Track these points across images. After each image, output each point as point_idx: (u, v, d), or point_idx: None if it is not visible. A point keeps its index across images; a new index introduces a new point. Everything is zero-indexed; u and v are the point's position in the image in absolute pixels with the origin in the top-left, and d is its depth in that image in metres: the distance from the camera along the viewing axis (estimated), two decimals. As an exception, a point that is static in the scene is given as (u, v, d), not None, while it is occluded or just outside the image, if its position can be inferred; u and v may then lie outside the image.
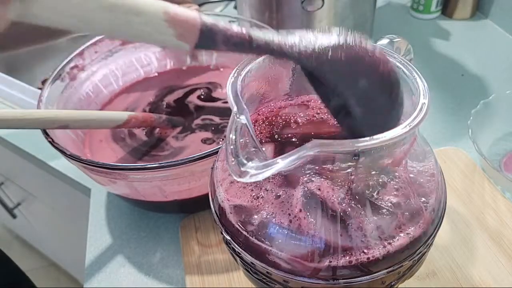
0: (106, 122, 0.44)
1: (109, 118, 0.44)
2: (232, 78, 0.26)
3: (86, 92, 0.53)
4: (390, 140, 0.22)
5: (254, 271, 0.29)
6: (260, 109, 0.33)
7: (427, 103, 0.24)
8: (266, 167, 0.21)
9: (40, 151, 0.62)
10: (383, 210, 0.26)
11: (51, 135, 0.40)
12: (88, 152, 0.49)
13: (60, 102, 0.48)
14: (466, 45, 0.71)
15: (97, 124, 0.44)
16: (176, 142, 0.48)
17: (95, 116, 0.43)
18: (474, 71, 0.65)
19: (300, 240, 0.25)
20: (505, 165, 0.49)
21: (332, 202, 0.26)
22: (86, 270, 0.45)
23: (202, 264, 0.42)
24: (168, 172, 0.37)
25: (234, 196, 0.28)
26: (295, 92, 0.34)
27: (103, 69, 0.55)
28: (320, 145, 0.21)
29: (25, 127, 0.38)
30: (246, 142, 0.23)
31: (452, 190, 0.46)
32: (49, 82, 0.47)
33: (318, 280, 0.26)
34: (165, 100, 0.54)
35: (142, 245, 0.47)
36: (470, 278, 0.38)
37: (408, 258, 0.26)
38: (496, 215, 0.43)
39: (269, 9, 0.60)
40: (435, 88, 0.62)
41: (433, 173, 0.28)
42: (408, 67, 0.27)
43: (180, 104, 0.54)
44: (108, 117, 0.44)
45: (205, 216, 0.46)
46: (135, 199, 0.45)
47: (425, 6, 0.76)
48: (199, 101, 0.54)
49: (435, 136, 0.55)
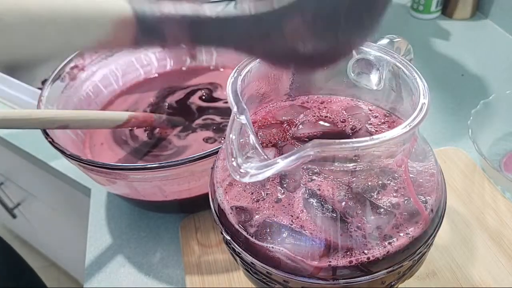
0: (106, 122, 0.44)
1: (109, 118, 0.44)
2: (232, 78, 0.27)
3: (86, 92, 0.53)
4: (390, 140, 0.22)
5: (254, 271, 0.29)
6: (260, 109, 0.33)
7: (427, 103, 0.24)
8: (266, 167, 0.21)
9: (40, 151, 0.62)
10: (383, 210, 0.26)
11: (51, 135, 0.40)
12: (89, 153, 0.49)
13: (60, 102, 0.48)
14: (466, 45, 0.71)
15: (97, 124, 0.44)
16: (178, 141, 0.48)
17: (95, 116, 0.43)
18: (474, 71, 0.65)
19: (300, 240, 0.25)
20: (505, 165, 0.49)
21: (332, 202, 0.26)
22: (86, 270, 0.45)
23: (202, 264, 0.42)
24: (168, 172, 0.37)
25: (234, 196, 0.28)
26: (295, 92, 0.34)
27: (103, 69, 0.55)
28: (320, 145, 0.21)
29: (25, 127, 0.38)
30: (246, 142, 0.23)
31: (452, 190, 0.46)
32: (49, 82, 0.47)
33: (318, 280, 0.26)
34: (166, 101, 0.54)
35: (142, 245, 0.47)
36: (470, 278, 0.38)
37: (408, 258, 0.26)
38: (496, 215, 0.43)
39: (269, 9, 0.60)
40: (435, 88, 0.62)
41: (433, 173, 0.28)
42: (408, 67, 0.27)
43: (180, 104, 0.54)
44: (108, 117, 0.44)
45: (205, 216, 0.46)
46: (135, 199, 0.45)
47: (425, 6, 0.76)
48: (200, 101, 0.54)
49: (435, 136, 0.55)
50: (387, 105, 0.32)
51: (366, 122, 0.31)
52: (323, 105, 0.33)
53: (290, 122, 0.32)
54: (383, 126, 0.31)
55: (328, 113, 0.32)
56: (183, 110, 0.53)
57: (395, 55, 0.28)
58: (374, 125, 0.31)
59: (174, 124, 0.50)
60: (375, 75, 0.30)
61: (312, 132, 0.31)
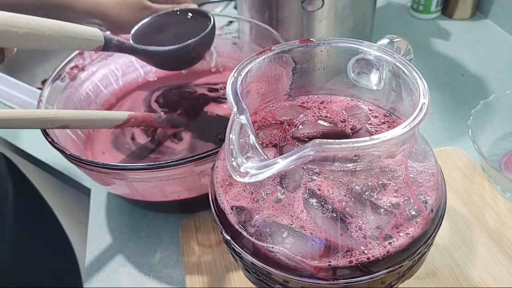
0: (106, 122, 0.44)
1: (109, 118, 0.44)
2: (232, 78, 0.27)
3: (86, 92, 0.53)
4: (390, 140, 0.22)
5: (254, 271, 0.29)
6: (260, 109, 0.33)
7: (427, 103, 0.24)
8: (266, 167, 0.21)
9: (40, 151, 0.62)
10: (383, 210, 0.26)
11: (51, 135, 0.40)
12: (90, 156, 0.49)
13: (60, 102, 0.48)
14: (466, 45, 0.71)
15: (97, 124, 0.44)
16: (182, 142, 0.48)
17: (95, 116, 0.43)
18: (474, 71, 0.65)
19: (300, 240, 0.25)
20: (505, 165, 0.49)
21: (332, 202, 0.26)
22: (86, 270, 0.45)
23: (202, 264, 0.42)
24: (168, 172, 0.37)
25: (234, 196, 0.28)
26: (295, 92, 0.34)
27: (103, 69, 0.55)
28: (320, 145, 0.21)
29: (25, 127, 0.38)
30: (246, 142, 0.23)
31: (452, 190, 0.46)
32: (49, 82, 0.47)
33: (318, 280, 0.26)
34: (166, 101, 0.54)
35: (142, 245, 0.47)
36: (470, 278, 0.38)
37: (408, 258, 0.26)
38: (496, 215, 0.43)
39: (269, 9, 0.60)
40: (435, 88, 0.62)
41: (433, 173, 0.28)
42: (408, 67, 0.27)
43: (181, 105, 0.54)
44: (108, 116, 0.44)
45: (205, 216, 0.46)
46: (135, 199, 0.45)
47: (425, 6, 0.76)
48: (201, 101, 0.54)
49: (435, 136, 0.55)
50: (387, 105, 0.32)
51: (366, 122, 0.31)
52: (323, 105, 0.33)
53: (290, 122, 0.32)
54: (383, 126, 0.31)
55: (328, 113, 0.32)
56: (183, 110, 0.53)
57: (395, 55, 0.28)
58: (374, 125, 0.31)
59: (174, 124, 0.50)
60: (375, 75, 0.30)
61: (312, 132, 0.31)
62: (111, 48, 0.40)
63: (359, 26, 0.64)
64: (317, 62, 0.31)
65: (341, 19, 0.61)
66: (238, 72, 0.27)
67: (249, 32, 0.55)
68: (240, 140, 0.23)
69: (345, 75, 0.31)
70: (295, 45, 0.30)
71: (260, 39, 0.54)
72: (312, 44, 0.30)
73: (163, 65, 0.46)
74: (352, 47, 0.30)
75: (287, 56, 0.30)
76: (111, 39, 0.40)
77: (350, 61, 0.30)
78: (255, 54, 0.29)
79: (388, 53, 0.28)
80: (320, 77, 0.33)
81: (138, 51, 0.43)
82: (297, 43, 0.30)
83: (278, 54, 0.30)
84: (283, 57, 0.30)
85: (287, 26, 0.61)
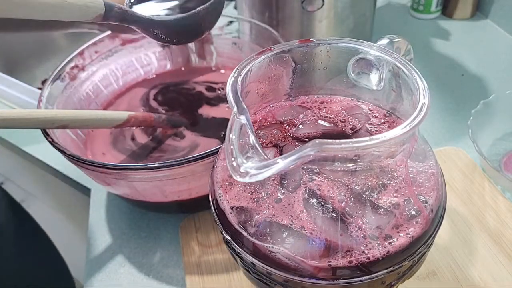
0: (106, 122, 0.44)
1: (109, 118, 0.44)
2: (232, 78, 0.27)
3: (86, 92, 0.53)
4: (390, 140, 0.22)
5: (254, 271, 0.29)
6: (260, 109, 0.33)
7: (427, 103, 0.24)
8: (266, 167, 0.21)
9: (40, 151, 0.62)
10: (383, 210, 0.26)
11: (51, 135, 0.40)
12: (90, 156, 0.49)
13: (60, 102, 0.48)
14: (466, 45, 0.71)
15: (97, 124, 0.44)
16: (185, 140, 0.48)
17: (95, 115, 0.43)
18: (474, 71, 0.65)
19: (300, 240, 0.25)
20: (505, 165, 0.49)
21: (332, 202, 0.26)
22: (86, 270, 0.45)
23: (202, 264, 0.42)
24: (168, 172, 0.37)
25: (234, 196, 0.28)
26: (295, 92, 0.34)
27: (103, 69, 0.55)
28: (320, 145, 0.21)
29: (25, 127, 0.38)
30: (246, 142, 0.23)
31: (452, 190, 0.46)
32: (49, 82, 0.47)
33: (318, 280, 0.26)
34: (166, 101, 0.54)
35: (142, 245, 0.47)
36: (470, 278, 0.38)
37: (408, 258, 0.26)
38: (496, 215, 0.43)
39: (269, 9, 0.60)
40: (435, 88, 0.62)
41: (433, 173, 0.28)
42: (408, 67, 0.27)
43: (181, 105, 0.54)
44: (108, 116, 0.44)
45: (205, 216, 0.46)
46: (135, 199, 0.45)
47: (425, 6, 0.76)
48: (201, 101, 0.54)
49: (435, 136, 0.55)
50: (387, 105, 0.32)
51: (366, 122, 0.31)
52: (323, 105, 0.33)
53: (290, 122, 0.32)
54: (383, 126, 0.31)
55: (328, 113, 0.32)
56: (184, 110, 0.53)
57: (395, 55, 0.28)
58: (374, 125, 0.31)
59: (174, 124, 0.50)
60: (375, 75, 0.30)
61: (312, 132, 0.31)
62: (112, 17, 0.37)
63: (359, 26, 0.64)
64: (317, 62, 0.31)
65: (341, 19, 0.61)
66: (238, 72, 0.27)
67: (249, 32, 0.55)
68: (240, 140, 0.23)
69: (345, 75, 0.31)
70: (295, 45, 0.30)
71: (260, 39, 0.54)
72: (312, 44, 0.30)
73: (169, 37, 0.41)
74: (352, 47, 0.30)
75: (287, 56, 0.30)
76: (112, 7, 0.36)
77: (350, 61, 0.30)
78: (255, 54, 0.29)
79: (388, 53, 0.28)
80: (320, 77, 0.33)
81: (142, 21, 0.38)
82: (297, 43, 0.30)
83: (278, 54, 0.30)
84: (283, 57, 0.30)
85: (287, 26, 0.61)
